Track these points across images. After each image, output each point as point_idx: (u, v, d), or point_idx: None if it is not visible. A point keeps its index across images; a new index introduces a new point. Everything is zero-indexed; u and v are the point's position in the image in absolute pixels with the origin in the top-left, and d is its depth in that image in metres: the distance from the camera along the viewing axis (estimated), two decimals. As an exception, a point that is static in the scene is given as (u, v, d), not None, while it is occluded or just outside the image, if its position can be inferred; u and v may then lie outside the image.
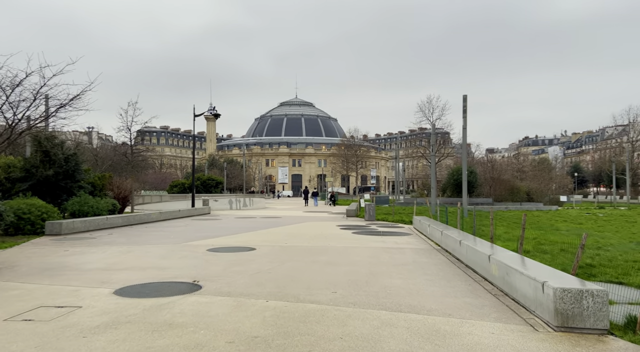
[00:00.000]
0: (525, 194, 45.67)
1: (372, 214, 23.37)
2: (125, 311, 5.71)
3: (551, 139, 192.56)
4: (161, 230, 17.48)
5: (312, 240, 14.00)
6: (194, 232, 16.77)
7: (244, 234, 15.96)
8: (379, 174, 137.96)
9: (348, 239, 14.29)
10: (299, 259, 10.15)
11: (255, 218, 24.92)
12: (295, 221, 22.34)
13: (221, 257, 10.36)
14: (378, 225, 20.24)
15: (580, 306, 4.83)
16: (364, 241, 13.92)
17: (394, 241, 13.82)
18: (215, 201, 34.97)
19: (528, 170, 64.86)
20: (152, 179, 65.22)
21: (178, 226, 19.61)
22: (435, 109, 46.88)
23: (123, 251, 11.42)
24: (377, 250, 11.71)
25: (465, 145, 26.21)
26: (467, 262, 9.14)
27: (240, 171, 77.21)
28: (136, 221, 20.19)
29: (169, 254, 10.79)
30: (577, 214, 28.74)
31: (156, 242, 13.29)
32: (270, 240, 13.93)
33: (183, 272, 8.46)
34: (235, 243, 13.07)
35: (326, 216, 27.77)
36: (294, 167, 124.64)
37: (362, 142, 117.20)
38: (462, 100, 26.53)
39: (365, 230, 17.61)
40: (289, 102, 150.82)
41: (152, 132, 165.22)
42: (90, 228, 16.79)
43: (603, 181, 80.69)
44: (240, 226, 19.35)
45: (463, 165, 27.20)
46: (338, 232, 16.59)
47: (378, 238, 14.64)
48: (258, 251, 11.38)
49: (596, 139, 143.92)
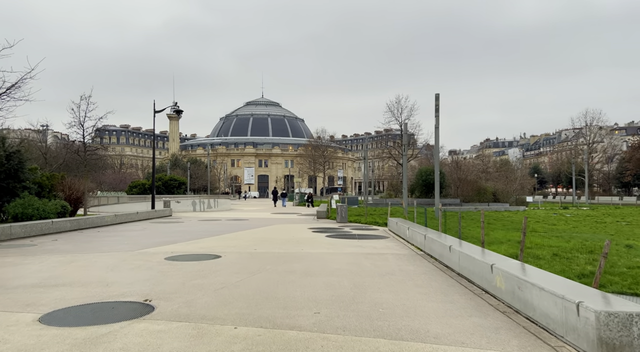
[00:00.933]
0: (491, 195, 46.04)
1: (344, 215, 22.38)
2: (47, 348, 4.35)
3: (511, 141, 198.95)
4: (115, 235, 15.80)
5: (284, 245, 12.80)
6: (151, 237, 15.20)
7: (208, 239, 14.55)
8: (345, 175, 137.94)
9: (323, 244, 13.18)
10: (271, 268, 8.95)
11: (220, 221, 23.42)
12: (263, 224, 21.05)
13: (181, 267, 9.02)
14: (351, 227, 19.25)
15: (629, 333, 3.90)
16: (340, 245, 12.85)
17: (371, 245, 12.82)
18: (177, 203, 33.09)
19: (492, 171, 65.96)
20: (111, 180, 62.03)
21: (134, 230, 17.92)
22: (404, 109, 46.62)
23: (65, 260, 9.85)
24: (356, 256, 10.65)
25: (438, 144, 25.68)
26: (459, 270, 8.21)
27: (204, 172, 74.73)
28: (88, 225, 18.34)
29: (119, 265, 9.33)
30: (545, 215, 28.83)
31: (106, 250, 11.73)
32: (237, 246, 12.63)
33: (133, 288, 7.10)
34: (198, 250, 11.70)
35: (296, 217, 26.57)
36: (260, 168, 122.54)
37: (329, 142, 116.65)
38: (435, 99, 26.00)
39: (339, 233, 16.56)
40: (255, 102, 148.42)
41: (112, 130, 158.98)
42: (32, 233, 14.93)
43: (562, 182, 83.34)
44: (203, 230, 17.89)
45: (435, 164, 26.68)
46: (311, 236, 15.46)
47: (354, 242, 13.61)
48: (224, 259, 10.08)
49: (553, 142, 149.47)
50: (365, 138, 76.61)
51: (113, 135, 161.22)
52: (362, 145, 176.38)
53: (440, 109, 23.00)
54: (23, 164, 20.63)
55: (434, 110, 26.03)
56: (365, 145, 52.19)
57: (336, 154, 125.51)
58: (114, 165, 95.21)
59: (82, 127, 23.89)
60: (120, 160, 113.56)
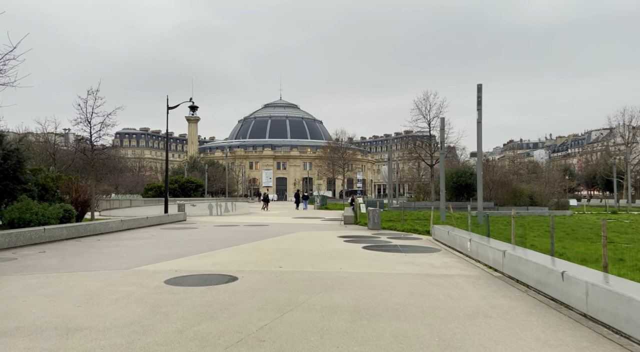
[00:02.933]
0: (528, 198, 42.74)
1: (376, 221, 19.74)
2: None
3: (536, 142, 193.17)
4: (115, 245, 13.52)
5: (316, 261, 10.27)
6: (157, 247, 12.85)
7: (223, 250, 12.12)
8: (365, 177, 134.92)
9: (363, 259, 10.60)
10: (305, 301, 6.43)
11: (237, 226, 21.05)
12: (286, 230, 18.57)
13: (182, 298, 6.57)
14: (387, 235, 16.61)
15: None
16: (385, 261, 10.25)
17: (426, 262, 10.18)
18: (192, 206, 30.93)
19: (524, 173, 62.37)
20: (129, 182, 60.81)
21: (140, 238, 15.64)
22: (432, 106, 43.52)
23: (34, 285, 7.52)
24: (415, 279, 8.05)
25: (481, 140, 22.86)
26: (587, 310, 5.54)
27: (222, 174, 72.88)
28: (88, 232, 16.15)
29: (100, 293, 6.93)
30: (596, 220, 25.62)
31: (96, 267, 9.38)
32: (258, 261, 10.14)
33: (104, 341, 4.65)
34: (209, 267, 9.25)
35: (320, 223, 24.04)
36: (278, 170, 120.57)
37: (348, 144, 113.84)
38: (477, 91, 23.23)
39: (377, 243, 13.95)
40: (273, 104, 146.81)
41: (132, 133, 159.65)
42: (19, 243, 12.75)
43: (596, 184, 78.80)
44: (218, 238, 15.49)
45: (478, 163, 23.86)
46: (344, 247, 12.89)
47: (401, 257, 10.99)
48: (241, 284, 7.61)
49: (582, 143, 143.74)
50: (388, 139, 73.79)
51: (133, 138, 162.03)
52: (381, 147, 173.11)
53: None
54: (22, 163, 18.68)
55: (476, 104, 23.26)
56: (389, 146, 49.39)
57: (355, 156, 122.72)
58: (134, 168, 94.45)
59: (89, 124, 21.80)
60: (139, 162, 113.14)
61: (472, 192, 43.52)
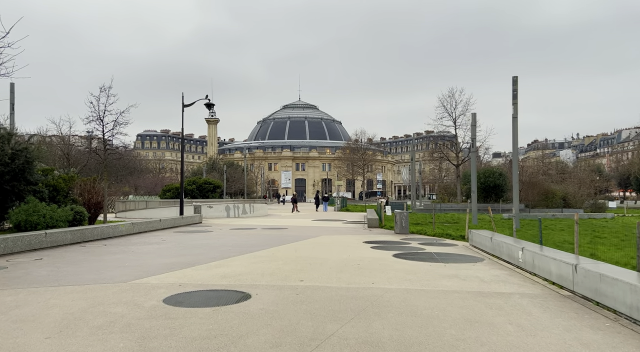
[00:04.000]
0: (560, 199, 40.39)
1: (404, 225, 18.19)
2: None
3: (561, 142, 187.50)
4: (122, 251, 12.36)
5: (343, 273, 8.84)
6: (164, 254, 11.62)
7: (236, 258, 10.81)
8: (385, 178, 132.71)
9: (396, 271, 9.12)
10: (333, 331, 5.01)
11: (255, 229, 19.79)
12: (306, 234, 17.20)
13: (180, 326, 5.23)
14: (419, 241, 15.06)
15: None
16: (424, 273, 8.75)
17: (472, 275, 8.65)
18: (209, 208, 29.88)
19: (553, 173, 59.62)
20: (149, 183, 60.49)
21: (150, 242, 14.48)
22: (458, 103, 41.51)
23: (8, 303, 6.29)
24: (466, 300, 6.55)
25: (517, 136, 21.07)
26: None
27: (241, 175, 72.06)
28: (95, 236, 15.07)
29: (82, 316, 5.65)
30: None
31: (90, 280, 8.15)
32: (276, 273, 8.78)
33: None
34: (219, 280, 7.93)
35: (342, 226, 22.60)
36: (297, 172, 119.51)
37: (368, 145, 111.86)
38: (512, 83, 21.45)
39: (408, 250, 12.44)
40: (292, 105, 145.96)
41: (153, 135, 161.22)
42: (17, 249, 11.69)
43: (630, 185, 75.06)
44: (233, 244, 14.21)
45: (514, 161, 22.09)
46: (373, 255, 11.43)
47: (441, 268, 9.47)
48: (254, 304, 6.24)
49: (612, 142, 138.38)
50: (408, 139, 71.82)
51: (154, 140, 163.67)
52: (401, 148, 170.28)
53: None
54: (31, 163, 17.79)
55: (512, 97, 21.48)
56: (412, 146, 47.58)
57: (375, 156, 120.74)
58: (154, 169, 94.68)
59: (101, 123, 20.85)
60: (159, 164, 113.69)
61: (501, 193, 41.39)
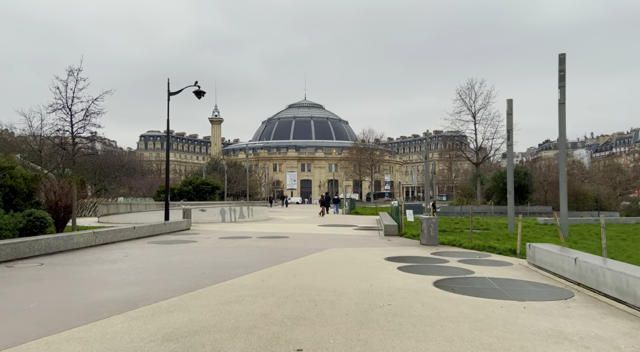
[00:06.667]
0: (592, 201, 36.58)
1: (432, 234, 14.56)
2: None
3: (574, 142, 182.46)
4: (48, 276, 8.88)
5: (364, 326, 5.28)
6: (105, 283, 8.11)
7: (206, 291, 7.28)
8: (393, 179, 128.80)
9: (457, 323, 5.55)
10: None
11: (249, 238, 16.28)
12: (310, 246, 13.64)
13: None
14: (455, 256, 11.47)
15: None
16: (505, 330, 5.17)
17: (587, 333, 5.07)
18: (202, 211, 26.43)
19: (577, 173, 55.65)
20: (147, 184, 57.23)
21: (105, 261, 11.00)
22: (478, 96, 37.87)
23: None
24: None
25: (564, 126, 17.40)
26: None
27: (244, 176, 68.61)
28: (35, 251, 11.59)
29: None
30: None
31: None
32: (256, 328, 5.23)
33: None
34: (155, 347, 4.42)
35: (353, 233, 19.04)
36: (303, 172, 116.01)
37: (375, 145, 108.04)
38: (559, 63, 17.82)
39: (452, 274, 8.86)
40: (298, 104, 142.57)
41: (156, 136, 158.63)
42: None
43: (655, 186, 70.85)
44: (212, 262, 10.68)
45: (561, 160, 18.39)
46: (407, 285, 7.85)
47: (521, 313, 5.89)
48: None
49: (629, 141, 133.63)
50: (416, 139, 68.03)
51: (157, 140, 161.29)
52: (409, 148, 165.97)
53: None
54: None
55: (558, 80, 17.85)
56: (426, 145, 43.92)
57: (383, 157, 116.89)
58: (157, 170, 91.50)
59: (69, 112, 17.53)
60: (161, 165, 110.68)
61: (526, 194, 37.64)
